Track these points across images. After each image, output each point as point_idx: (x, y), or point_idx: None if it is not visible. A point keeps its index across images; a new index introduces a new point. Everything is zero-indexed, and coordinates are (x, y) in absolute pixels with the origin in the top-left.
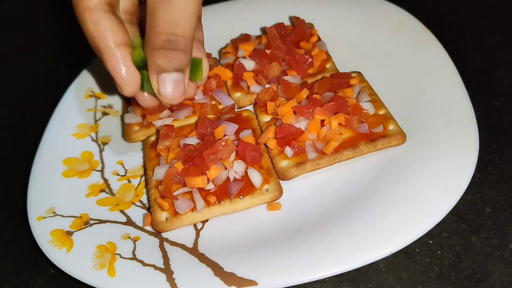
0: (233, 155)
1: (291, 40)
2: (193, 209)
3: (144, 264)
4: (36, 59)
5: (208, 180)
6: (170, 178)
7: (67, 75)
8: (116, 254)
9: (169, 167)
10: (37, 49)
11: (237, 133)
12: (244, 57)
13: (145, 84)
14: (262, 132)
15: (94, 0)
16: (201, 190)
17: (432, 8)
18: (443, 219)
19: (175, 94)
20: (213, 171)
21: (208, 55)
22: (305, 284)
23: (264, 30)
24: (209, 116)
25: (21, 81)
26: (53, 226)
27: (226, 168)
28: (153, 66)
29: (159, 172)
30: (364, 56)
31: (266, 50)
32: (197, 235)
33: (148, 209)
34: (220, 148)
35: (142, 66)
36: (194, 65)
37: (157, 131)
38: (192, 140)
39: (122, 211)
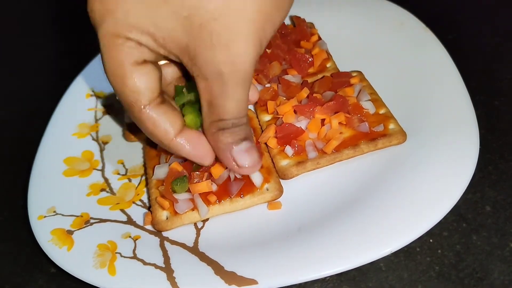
0: None
1: (291, 39)
2: (194, 208)
3: (145, 263)
4: (37, 58)
5: (212, 181)
6: (172, 180)
7: (68, 74)
8: (116, 253)
9: (169, 166)
10: (37, 48)
11: None
12: None
13: (190, 117)
14: (262, 131)
15: (146, 99)
16: None
17: (433, 7)
18: (443, 218)
19: (252, 160)
20: (217, 169)
21: None
22: (305, 283)
23: None
24: None
25: (22, 80)
26: (53, 225)
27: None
28: (221, 146)
29: (159, 171)
30: (365, 56)
31: (267, 50)
32: (198, 234)
33: (149, 208)
34: None
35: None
36: None
37: None
38: None
39: (122, 210)
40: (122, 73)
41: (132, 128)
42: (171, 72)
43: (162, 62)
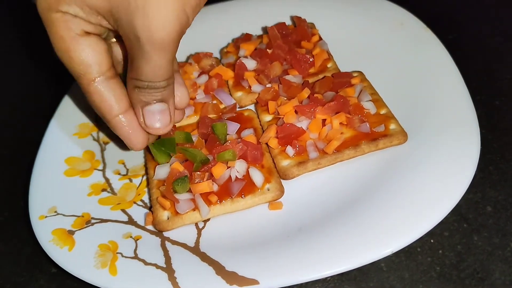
0: None
1: (292, 40)
2: (195, 208)
3: (146, 263)
4: (38, 59)
5: (213, 181)
6: (173, 180)
7: (69, 74)
8: (117, 253)
9: (170, 166)
10: (38, 49)
11: (238, 132)
12: (245, 57)
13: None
14: (263, 131)
15: (96, 72)
16: None
17: (433, 7)
18: (444, 218)
19: (163, 123)
20: (218, 169)
21: (210, 55)
22: (307, 283)
23: (265, 29)
24: (211, 116)
25: (23, 80)
26: (54, 225)
27: (229, 167)
28: (137, 103)
29: (160, 172)
30: (365, 56)
31: (268, 50)
32: (199, 234)
33: (150, 208)
34: (229, 143)
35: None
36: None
37: None
38: (194, 139)
39: (123, 210)
40: (66, 46)
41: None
42: (122, 49)
43: (113, 40)
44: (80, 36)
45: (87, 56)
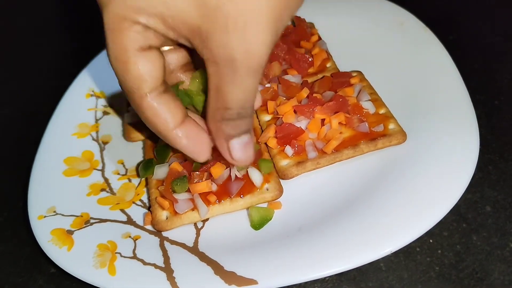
0: None
1: (291, 39)
2: (194, 208)
3: (145, 263)
4: (37, 58)
5: (212, 181)
6: (172, 180)
7: (68, 74)
8: (116, 253)
9: (169, 165)
10: (37, 49)
11: None
12: None
13: (192, 100)
14: (262, 131)
15: (148, 86)
16: None
17: (433, 7)
18: (443, 218)
19: (247, 155)
20: (217, 169)
21: None
22: (305, 283)
23: None
24: None
25: (22, 81)
26: (53, 225)
27: (228, 167)
28: (221, 135)
29: (159, 171)
30: (365, 55)
31: None
32: (198, 234)
33: (149, 208)
34: None
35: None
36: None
37: None
38: None
39: (122, 210)
40: (126, 58)
41: (136, 127)
42: (175, 59)
43: (166, 48)
44: (144, 50)
45: (145, 71)
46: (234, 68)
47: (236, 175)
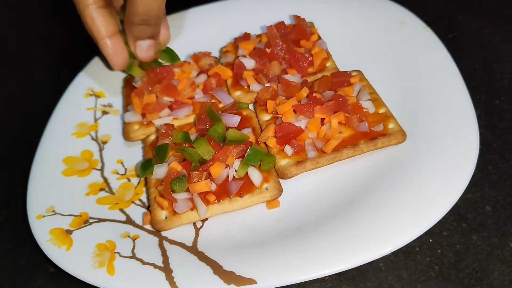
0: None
1: (291, 39)
2: (193, 208)
3: (144, 263)
4: (36, 58)
5: (211, 180)
6: (171, 180)
7: (67, 74)
8: (115, 252)
9: (168, 165)
10: (37, 49)
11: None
12: (244, 56)
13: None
14: (262, 130)
15: (91, 0)
16: None
17: (433, 6)
18: (443, 217)
19: (149, 54)
20: (216, 168)
21: (208, 54)
22: (304, 282)
23: (264, 29)
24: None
25: (21, 80)
26: (52, 225)
27: (227, 166)
28: (131, 36)
29: (159, 171)
30: (365, 55)
31: (266, 49)
32: (197, 233)
33: (148, 207)
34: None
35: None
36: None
37: (157, 130)
38: (193, 138)
39: (121, 210)
40: None
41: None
42: None
43: None
44: None
45: None
46: None
47: (234, 175)
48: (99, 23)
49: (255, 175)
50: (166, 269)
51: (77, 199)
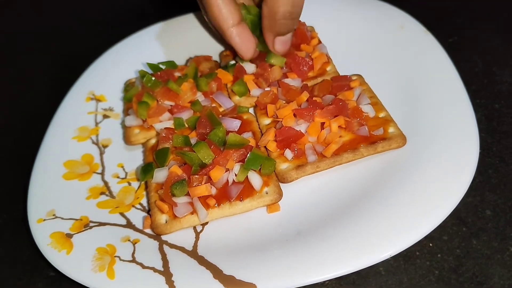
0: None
1: (291, 43)
2: (193, 212)
3: (144, 267)
4: (37, 62)
5: (211, 184)
6: (171, 184)
7: (68, 78)
8: (115, 256)
9: (169, 169)
10: (38, 52)
11: (238, 133)
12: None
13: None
14: (262, 134)
15: None
16: None
17: (433, 10)
18: (443, 222)
19: (286, 48)
20: (216, 172)
21: (209, 58)
22: (305, 287)
23: None
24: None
25: (23, 84)
26: (53, 229)
27: (227, 170)
28: (271, 31)
29: (159, 175)
30: (365, 59)
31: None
32: (197, 237)
33: (148, 211)
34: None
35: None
36: None
37: (157, 134)
38: (193, 142)
39: (122, 214)
40: None
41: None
42: None
43: None
44: None
45: None
46: None
47: (234, 179)
48: (226, 11)
49: (255, 179)
50: (166, 273)
51: (77, 203)
